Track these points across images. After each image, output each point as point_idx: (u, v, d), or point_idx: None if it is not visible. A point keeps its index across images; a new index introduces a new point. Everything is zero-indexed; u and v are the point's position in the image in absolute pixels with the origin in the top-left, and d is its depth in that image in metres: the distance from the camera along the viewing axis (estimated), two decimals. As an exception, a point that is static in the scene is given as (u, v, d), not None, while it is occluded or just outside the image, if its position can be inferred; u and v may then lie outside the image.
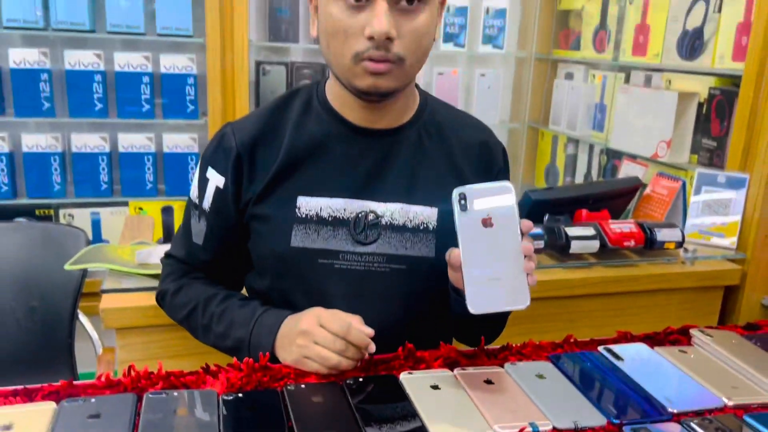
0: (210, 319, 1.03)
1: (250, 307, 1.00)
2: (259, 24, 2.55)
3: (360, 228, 0.99)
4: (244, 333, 0.98)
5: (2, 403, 0.81)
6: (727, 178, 1.69)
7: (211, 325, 1.02)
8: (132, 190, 2.46)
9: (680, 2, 2.03)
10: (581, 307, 1.53)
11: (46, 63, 2.30)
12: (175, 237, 1.13)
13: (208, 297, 1.04)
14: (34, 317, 1.69)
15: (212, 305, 1.03)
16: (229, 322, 1.01)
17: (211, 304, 1.03)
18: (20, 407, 0.81)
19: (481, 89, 2.75)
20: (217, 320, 1.02)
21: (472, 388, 0.88)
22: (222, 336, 1.01)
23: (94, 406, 0.80)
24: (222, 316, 1.02)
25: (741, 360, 0.99)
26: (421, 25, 0.91)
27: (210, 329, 1.03)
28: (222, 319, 1.02)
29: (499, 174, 1.08)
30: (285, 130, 1.01)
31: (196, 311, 1.04)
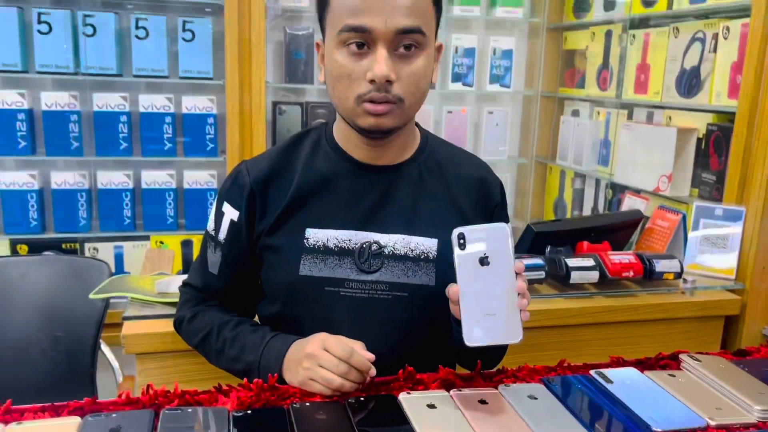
0: (223, 344, 1.09)
1: (261, 333, 1.07)
2: (276, 66, 2.67)
3: (364, 257, 1.06)
4: (255, 357, 1.04)
5: (31, 418, 0.89)
6: (724, 210, 1.74)
7: (224, 349, 1.09)
8: (153, 224, 2.57)
9: (678, 43, 2.11)
10: (582, 336, 1.58)
11: (76, 105, 2.44)
12: (192, 267, 1.21)
13: (222, 323, 1.11)
14: (59, 347, 1.76)
15: (225, 331, 1.10)
16: (241, 346, 1.07)
17: (224, 330, 1.10)
18: (48, 421, 0.88)
19: (490, 126, 2.84)
20: (230, 345, 1.08)
21: (467, 407, 0.94)
22: (234, 359, 1.07)
23: (115, 420, 0.87)
24: (234, 341, 1.08)
25: (726, 383, 1.03)
26: (419, 68, 0.99)
27: (223, 353, 1.09)
28: (234, 344, 1.08)
29: (496, 208, 1.15)
30: (296, 167, 1.09)
31: (211, 336, 1.11)
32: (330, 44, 1.00)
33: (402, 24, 0.95)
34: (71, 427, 0.85)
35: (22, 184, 2.43)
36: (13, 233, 2.45)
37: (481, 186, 1.14)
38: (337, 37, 0.97)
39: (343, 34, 0.96)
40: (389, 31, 0.95)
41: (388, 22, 0.94)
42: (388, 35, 0.95)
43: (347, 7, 0.96)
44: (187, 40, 2.47)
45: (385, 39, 0.95)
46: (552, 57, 2.90)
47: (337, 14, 0.97)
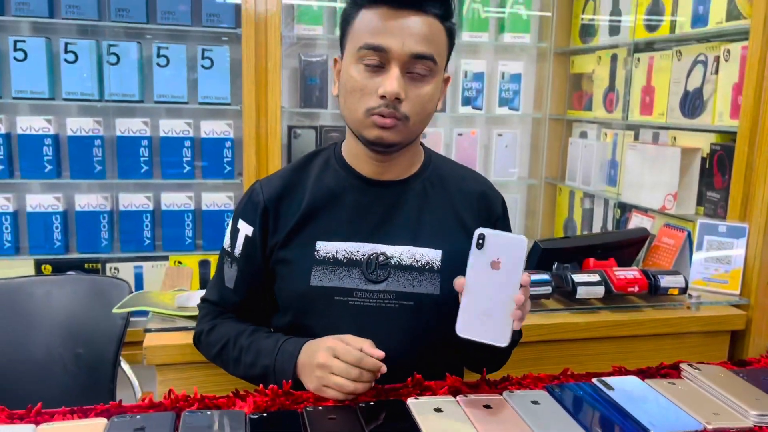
0: (240, 352, 1.14)
1: (274, 338, 1.12)
2: (291, 92, 2.77)
3: (372, 268, 1.12)
4: (269, 361, 1.09)
5: (60, 419, 0.95)
6: (727, 227, 1.78)
7: (241, 356, 1.14)
8: (172, 245, 2.64)
9: (681, 65, 2.17)
10: (588, 350, 1.61)
11: (100, 130, 2.54)
12: (209, 284, 1.27)
13: (238, 332, 1.16)
14: (80, 363, 1.81)
15: (242, 339, 1.15)
16: (257, 352, 1.12)
17: (240, 338, 1.15)
18: (76, 422, 0.93)
19: (500, 148, 2.91)
20: (246, 352, 1.13)
21: (472, 411, 0.98)
22: (251, 365, 1.12)
23: (139, 421, 0.93)
24: (250, 348, 1.13)
25: (725, 390, 1.06)
26: (426, 92, 1.07)
27: (240, 360, 1.14)
28: (250, 350, 1.13)
29: (497, 221, 1.21)
30: (306, 184, 1.16)
31: (228, 346, 1.16)
32: (348, 59, 1.08)
33: (417, 49, 1.04)
34: (98, 427, 0.91)
35: (48, 206, 2.53)
36: (37, 254, 2.54)
37: (482, 200, 1.20)
38: (356, 54, 1.05)
39: (361, 51, 1.04)
40: (404, 53, 1.03)
41: (404, 45, 1.03)
42: (403, 57, 1.03)
43: (369, 28, 1.04)
44: (205, 67, 2.57)
45: (399, 60, 1.03)
46: (560, 80, 2.96)
47: (358, 32, 1.06)
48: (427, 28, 1.05)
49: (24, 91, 2.44)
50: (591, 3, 2.78)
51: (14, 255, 2.53)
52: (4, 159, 2.46)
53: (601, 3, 2.69)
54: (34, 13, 2.41)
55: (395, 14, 1.04)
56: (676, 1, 2.21)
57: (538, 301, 1.65)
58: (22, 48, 2.42)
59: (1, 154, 2.45)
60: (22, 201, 2.54)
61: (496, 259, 0.97)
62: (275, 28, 2.40)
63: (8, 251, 2.51)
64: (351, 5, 1.09)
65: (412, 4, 1.04)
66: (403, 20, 1.04)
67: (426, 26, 1.05)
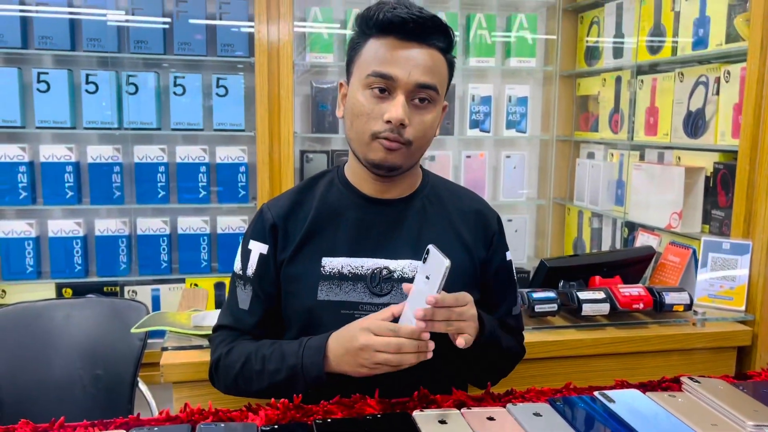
0: (263, 362, 1.14)
1: (297, 341, 1.14)
2: (303, 117, 2.84)
3: (376, 282, 1.17)
4: (296, 360, 1.09)
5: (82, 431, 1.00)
6: (731, 245, 1.81)
7: (264, 366, 1.14)
8: (188, 268, 2.71)
9: (683, 87, 2.21)
10: (594, 367, 1.64)
11: (119, 157, 2.62)
12: (221, 312, 1.28)
13: (259, 345, 1.17)
14: (99, 384, 1.85)
15: (263, 350, 1.16)
16: (281, 357, 1.12)
17: (261, 350, 1.16)
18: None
19: (508, 169, 2.96)
20: (269, 360, 1.14)
21: (476, 423, 1.02)
22: (276, 372, 1.12)
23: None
24: (272, 355, 1.14)
25: (724, 402, 1.09)
26: (428, 120, 1.14)
27: (264, 371, 1.13)
28: (273, 358, 1.14)
29: (494, 237, 1.26)
30: (311, 203, 1.22)
31: (250, 360, 1.15)
32: (355, 84, 1.14)
33: (422, 79, 1.10)
34: (118, 438, 0.96)
35: (69, 231, 2.61)
36: (59, 277, 2.61)
37: (478, 217, 1.26)
38: (364, 80, 1.11)
39: (370, 78, 1.10)
40: (410, 82, 1.10)
41: (410, 75, 1.09)
42: (408, 86, 1.10)
43: (378, 56, 1.10)
44: (220, 95, 2.65)
45: (405, 89, 1.10)
46: (566, 102, 3.02)
47: (367, 60, 1.12)
48: (431, 59, 1.11)
49: (47, 120, 2.54)
50: (595, 26, 2.84)
51: (36, 279, 2.60)
52: (27, 186, 2.55)
53: (604, 26, 2.75)
54: (56, 46, 2.51)
55: (402, 45, 1.10)
56: (677, 24, 2.26)
57: (544, 319, 1.69)
58: (45, 80, 2.52)
59: (25, 181, 2.54)
60: (44, 226, 2.62)
61: (429, 273, 1.02)
62: (287, 56, 2.48)
63: (31, 275, 2.59)
64: (360, 34, 1.15)
65: (418, 37, 1.10)
66: (410, 51, 1.10)
67: (430, 58, 1.11)
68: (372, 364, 1.03)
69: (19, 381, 1.79)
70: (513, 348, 1.27)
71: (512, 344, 1.27)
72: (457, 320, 1.04)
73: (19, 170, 2.53)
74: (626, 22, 2.59)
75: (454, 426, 1.01)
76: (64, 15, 2.50)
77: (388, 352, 1.01)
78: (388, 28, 1.10)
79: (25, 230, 2.57)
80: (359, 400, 1.08)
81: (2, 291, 2.59)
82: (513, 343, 1.28)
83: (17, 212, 2.63)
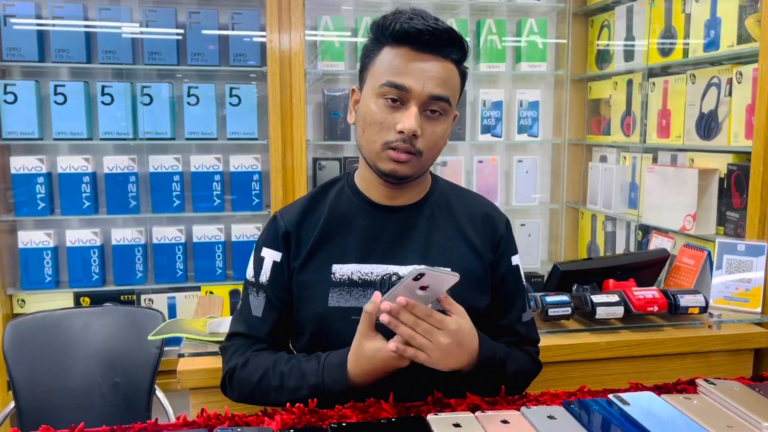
0: (281, 379, 1.14)
1: (315, 357, 1.14)
2: (316, 125, 2.86)
3: (385, 288, 1.18)
4: (317, 379, 1.10)
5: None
6: (746, 246, 1.79)
7: (283, 383, 1.14)
8: (204, 276, 2.73)
9: (695, 88, 2.21)
10: (609, 370, 1.63)
11: (134, 167, 2.66)
12: (233, 319, 1.28)
13: (275, 360, 1.18)
14: (117, 392, 1.87)
15: (280, 365, 1.16)
16: (300, 374, 1.12)
17: (279, 365, 1.16)
18: (117, 439, 1.00)
19: (520, 174, 2.96)
20: (288, 377, 1.13)
21: (490, 426, 1.02)
22: (296, 389, 1.12)
23: (174, 438, 0.99)
24: (291, 373, 1.14)
25: (739, 403, 1.08)
26: (439, 130, 1.15)
27: (283, 387, 1.14)
28: (292, 375, 1.13)
29: (502, 240, 1.26)
30: (322, 211, 1.23)
31: (267, 375, 1.15)
32: (368, 93, 1.15)
33: (435, 91, 1.11)
34: (137, 443, 0.97)
35: (86, 241, 2.64)
36: (76, 287, 2.65)
37: (486, 220, 1.26)
38: (378, 89, 1.12)
39: (384, 88, 1.11)
40: (424, 94, 1.11)
41: (424, 87, 1.10)
42: (422, 97, 1.11)
43: (392, 66, 1.11)
44: (233, 104, 2.68)
45: (418, 100, 1.11)
46: (578, 106, 3.02)
47: (381, 69, 1.13)
48: (445, 71, 1.12)
49: (64, 132, 2.58)
50: (606, 30, 2.84)
51: (55, 288, 2.64)
52: (45, 197, 2.59)
53: (615, 30, 2.75)
54: (73, 59, 2.56)
55: (417, 56, 1.11)
56: (688, 26, 2.26)
57: (558, 322, 1.68)
58: (62, 92, 2.56)
59: (43, 192, 2.58)
60: (62, 236, 2.66)
61: (426, 285, 1.02)
62: (299, 65, 2.50)
63: (49, 285, 2.62)
64: (374, 42, 1.16)
65: (433, 49, 1.11)
66: (425, 63, 1.11)
67: (444, 70, 1.12)
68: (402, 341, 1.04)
69: (39, 389, 1.82)
70: (524, 371, 1.25)
71: (523, 367, 1.25)
72: (421, 335, 1.03)
73: (37, 181, 2.57)
74: (637, 25, 2.59)
75: (468, 429, 1.01)
76: (80, 28, 2.55)
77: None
78: (403, 38, 1.11)
79: (43, 240, 2.61)
80: (374, 404, 1.08)
81: (22, 300, 2.63)
82: (525, 364, 1.25)
83: (35, 222, 2.67)
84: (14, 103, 2.52)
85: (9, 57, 2.50)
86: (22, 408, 1.81)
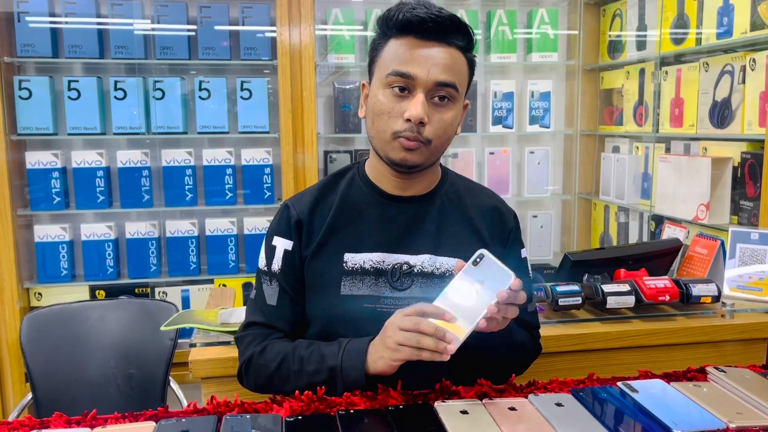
0: (301, 363, 1.14)
1: (336, 342, 1.15)
2: (326, 118, 2.87)
3: (396, 276, 1.19)
4: (335, 362, 1.10)
5: (113, 423, 1.03)
6: (760, 235, 1.77)
7: (302, 367, 1.14)
8: (217, 269, 2.76)
9: (708, 76, 2.18)
10: (621, 360, 1.62)
11: (147, 161, 2.68)
12: (248, 308, 1.29)
13: (295, 346, 1.18)
14: (132, 383, 1.91)
15: (300, 350, 1.17)
16: (320, 358, 1.13)
17: (299, 350, 1.17)
18: (127, 425, 1.01)
19: (532, 165, 2.94)
20: (307, 361, 1.14)
21: (497, 413, 1.02)
22: (315, 373, 1.12)
23: (185, 424, 1.00)
24: (311, 357, 1.15)
25: (749, 391, 1.08)
26: (448, 118, 1.15)
27: (303, 371, 1.14)
28: (312, 359, 1.13)
29: (511, 233, 1.27)
30: (333, 200, 1.23)
31: (287, 360, 1.16)
32: (376, 84, 1.16)
33: (441, 77, 1.11)
34: (147, 429, 0.99)
35: (101, 234, 2.67)
36: (92, 280, 2.68)
37: (495, 213, 1.27)
38: (384, 79, 1.13)
39: (390, 77, 1.12)
40: (430, 81, 1.11)
41: (430, 73, 1.11)
42: (428, 84, 1.11)
43: (398, 56, 1.12)
44: (245, 98, 2.70)
45: (424, 87, 1.11)
46: (590, 96, 2.99)
47: (387, 60, 1.14)
48: (451, 58, 1.13)
49: (78, 127, 2.61)
50: (618, 19, 2.81)
51: (71, 281, 2.68)
52: (60, 191, 2.62)
53: (627, 19, 2.72)
54: (86, 54, 2.58)
55: (422, 44, 1.12)
56: (701, 14, 2.23)
57: (569, 312, 1.68)
58: (76, 87, 2.59)
59: (58, 187, 2.61)
60: (77, 231, 2.69)
61: (482, 279, 1.02)
62: (309, 58, 2.51)
63: (65, 278, 2.66)
64: (380, 35, 1.17)
65: (437, 36, 1.12)
66: (429, 50, 1.11)
67: (449, 56, 1.12)
68: (394, 343, 1.03)
69: (56, 380, 1.85)
70: (527, 344, 1.27)
71: (526, 339, 1.27)
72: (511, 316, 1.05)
73: (52, 176, 2.61)
74: (649, 14, 2.56)
75: (475, 416, 1.02)
76: (92, 25, 2.57)
77: (408, 330, 1.02)
78: (407, 28, 1.12)
79: (59, 234, 2.64)
80: (382, 391, 1.09)
81: (38, 294, 2.67)
82: (527, 338, 1.28)
83: (51, 217, 2.70)
84: (29, 98, 2.56)
85: (23, 53, 2.53)
86: (39, 399, 1.84)
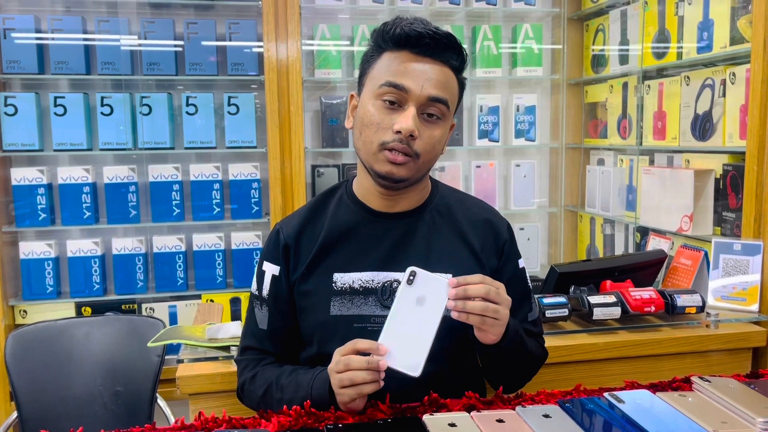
0: (282, 392, 1.17)
1: (312, 371, 1.16)
2: (314, 133, 2.88)
3: (386, 295, 1.19)
4: (307, 391, 1.12)
5: (102, 441, 1.02)
6: (742, 245, 1.80)
7: (283, 396, 1.16)
8: (204, 284, 2.74)
9: (689, 90, 2.22)
10: (608, 371, 1.64)
11: (134, 177, 2.68)
12: (243, 331, 1.31)
13: (279, 374, 1.20)
14: (119, 400, 1.88)
15: (282, 380, 1.18)
16: (296, 387, 1.15)
17: (281, 379, 1.19)
18: (116, 443, 1.01)
19: (518, 178, 2.97)
20: (286, 390, 1.16)
21: (485, 425, 1.03)
22: (291, 402, 1.13)
23: (172, 441, 1.00)
24: (289, 386, 1.16)
25: (734, 400, 1.09)
26: (436, 134, 1.16)
27: (283, 400, 1.16)
28: (289, 388, 1.16)
29: (505, 245, 1.27)
30: (323, 221, 1.24)
31: (271, 389, 1.19)
32: (367, 95, 1.16)
33: (434, 93, 1.13)
34: (135, 446, 0.98)
35: (87, 251, 2.66)
36: (78, 296, 2.66)
37: (487, 225, 1.27)
38: (376, 90, 1.14)
39: (383, 88, 1.13)
40: (423, 95, 1.12)
41: (423, 88, 1.12)
42: (420, 99, 1.12)
43: (392, 68, 1.13)
44: (232, 113, 2.70)
45: (416, 101, 1.12)
46: (575, 110, 3.03)
47: (380, 71, 1.14)
48: (444, 75, 1.14)
49: (64, 143, 2.60)
50: (600, 34, 2.86)
51: (56, 298, 2.65)
52: (46, 207, 2.60)
53: (610, 34, 2.77)
54: (72, 70, 2.58)
55: (416, 59, 1.13)
56: (682, 29, 2.27)
57: (555, 324, 1.69)
58: (62, 104, 2.59)
59: (44, 203, 2.60)
60: (63, 247, 2.67)
61: (422, 295, 1.03)
62: (296, 73, 2.52)
63: (51, 295, 2.64)
64: (374, 48, 1.18)
65: (432, 53, 1.13)
66: (424, 65, 1.13)
67: (443, 74, 1.14)
68: (337, 388, 1.05)
69: (41, 398, 1.83)
70: (536, 351, 1.28)
71: (535, 347, 1.28)
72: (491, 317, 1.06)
73: (38, 192, 2.59)
74: (631, 29, 2.60)
75: (463, 429, 1.02)
76: (79, 41, 2.57)
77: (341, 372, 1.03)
78: (403, 42, 1.13)
79: (44, 251, 2.62)
80: (370, 405, 1.09)
81: (23, 311, 2.64)
82: (534, 346, 1.29)
83: (37, 233, 2.68)
84: (14, 115, 2.55)
85: (9, 70, 2.53)
86: (24, 418, 1.82)
